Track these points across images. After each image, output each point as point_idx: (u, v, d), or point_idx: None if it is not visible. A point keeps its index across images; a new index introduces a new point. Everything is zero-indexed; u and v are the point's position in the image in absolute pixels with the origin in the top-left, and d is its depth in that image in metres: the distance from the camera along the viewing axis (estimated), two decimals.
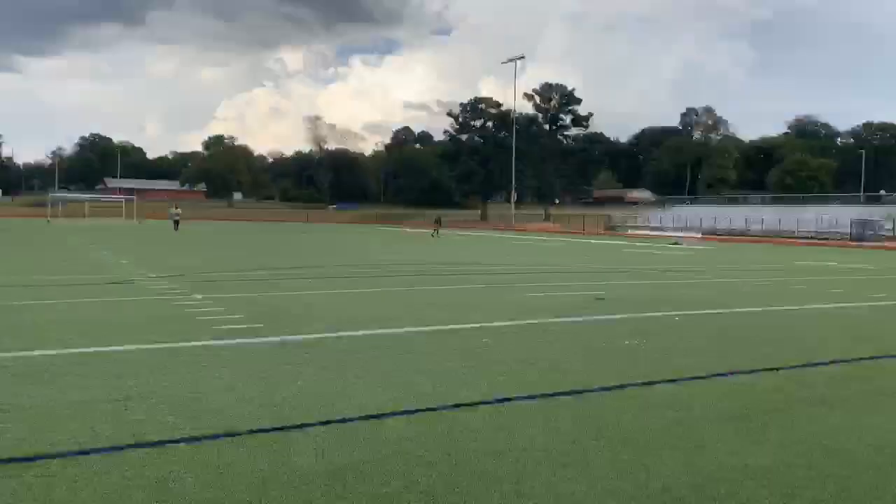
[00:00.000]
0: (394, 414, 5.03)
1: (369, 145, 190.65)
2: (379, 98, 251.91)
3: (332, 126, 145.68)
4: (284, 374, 6.15)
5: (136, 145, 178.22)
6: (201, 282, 14.13)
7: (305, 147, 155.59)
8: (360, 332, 8.35)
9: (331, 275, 16.58)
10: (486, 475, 3.92)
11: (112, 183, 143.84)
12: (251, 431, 4.59)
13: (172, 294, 11.82)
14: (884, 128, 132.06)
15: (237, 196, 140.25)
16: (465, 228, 74.82)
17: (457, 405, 5.28)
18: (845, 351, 7.84)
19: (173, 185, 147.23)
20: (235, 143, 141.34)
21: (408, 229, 63.87)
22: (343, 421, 4.85)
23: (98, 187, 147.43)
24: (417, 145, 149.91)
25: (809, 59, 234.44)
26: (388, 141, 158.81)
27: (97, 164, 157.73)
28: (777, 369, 6.81)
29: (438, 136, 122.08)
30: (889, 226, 51.29)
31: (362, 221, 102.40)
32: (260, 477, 3.83)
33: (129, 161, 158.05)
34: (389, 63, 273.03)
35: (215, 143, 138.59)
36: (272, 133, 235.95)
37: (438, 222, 50.93)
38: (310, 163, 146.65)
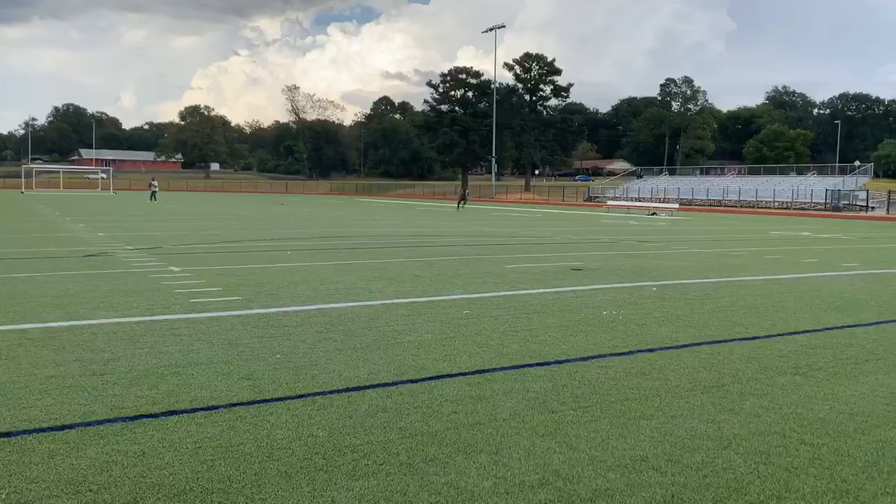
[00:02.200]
0: (373, 386, 5.04)
1: (348, 115, 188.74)
2: (357, 67, 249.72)
3: (311, 96, 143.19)
4: (263, 347, 6.13)
5: (111, 115, 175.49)
6: (178, 254, 14.00)
7: (283, 117, 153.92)
8: (341, 305, 8.34)
9: (311, 247, 16.50)
10: (465, 446, 3.94)
11: (87, 154, 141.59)
12: (230, 405, 4.58)
13: (149, 267, 11.70)
14: (858, 98, 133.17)
15: (214, 167, 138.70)
16: (445, 200, 74.68)
17: (437, 377, 5.30)
18: (818, 320, 7.96)
19: (149, 156, 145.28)
20: (212, 114, 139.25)
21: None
22: (322, 393, 4.86)
23: (73, 158, 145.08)
24: (397, 115, 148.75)
25: (787, 30, 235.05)
26: (367, 111, 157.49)
27: (71, 134, 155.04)
28: (752, 339, 6.91)
29: (418, 106, 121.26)
30: (863, 196, 51.94)
31: (342, 193, 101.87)
32: (239, 451, 3.82)
33: (105, 132, 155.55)
34: (367, 32, 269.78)
35: (191, 113, 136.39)
36: (249, 103, 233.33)
37: (464, 195, 45.06)
38: (288, 133, 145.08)
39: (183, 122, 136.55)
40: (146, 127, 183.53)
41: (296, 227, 24.58)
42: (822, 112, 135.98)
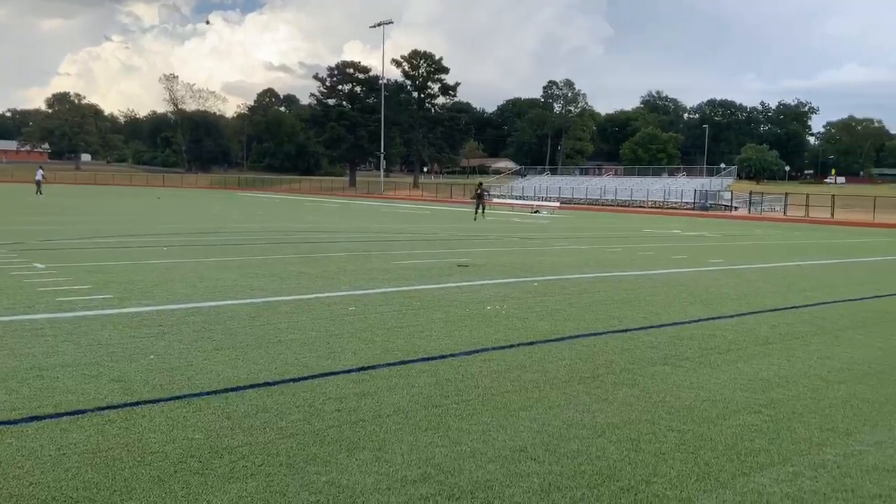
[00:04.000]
0: (254, 386, 4.91)
1: (230, 107, 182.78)
2: (240, 58, 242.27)
3: (190, 86, 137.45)
4: (135, 348, 5.84)
5: None
6: (44, 250, 13.10)
7: (161, 107, 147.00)
8: (220, 303, 8.07)
9: (189, 243, 15.87)
10: (347, 443, 3.91)
11: None
12: (98, 409, 4.34)
13: (11, 263, 10.89)
14: (724, 105, 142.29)
15: (85, 158, 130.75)
16: (332, 196, 73.84)
17: (320, 375, 5.23)
18: (685, 313, 8.44)
19: (11, 145, 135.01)
20: (83, 102, 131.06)
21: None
22: (199, 395, 4.68)
23: None
24: (283, 108, 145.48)
25: (661, 37, 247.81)
26: (250, 103, 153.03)
27: None
28: (625, 331, 7.24)
29: (304, 100, 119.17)
30: (727, 196, 55.57)
31: (223, 187, 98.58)
32: (108, 456, 3.63)
33: None
34: (251, 22, 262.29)
35: (60, 100, 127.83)
36: (124, 91, 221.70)
37: (481, 196, 31.45)
38: (166, 124, 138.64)
39: (50, 110, 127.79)
40: (7, 114, 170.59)
41: (173, 221, 23.58)
42: (691, 117, 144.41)
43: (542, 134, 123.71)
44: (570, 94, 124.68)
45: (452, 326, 7.14)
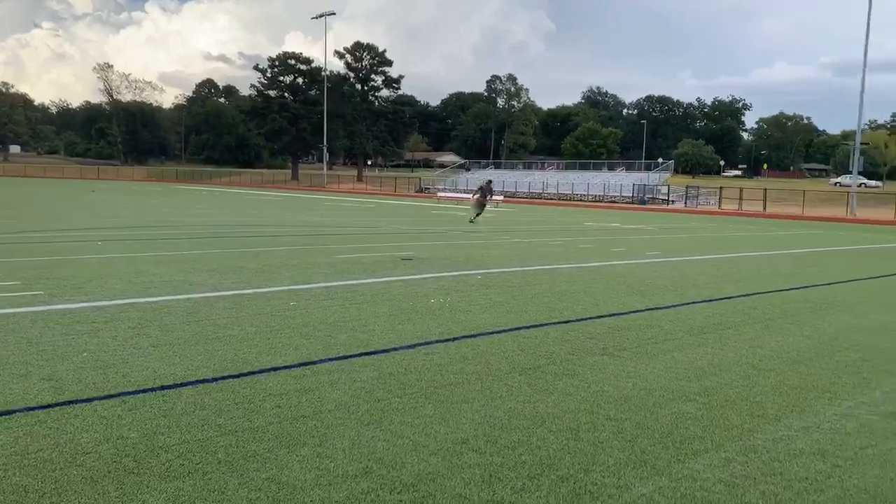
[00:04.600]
0: (192, 383, 4.81)
1: (168, 98, 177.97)
2: (177, 48, 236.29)
3: (126, 75, 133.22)
4: (68, 346, 5.65)
5: None
6: None
7: (95, 97, 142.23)
8: (157, 299, 7.88)
9: (125, 237, 15.43)
10: (288, 439, 3.87)
11: None
12: (28, 409, 4.19)
13: None
14: (661, 101, 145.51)
15: (14, 149, 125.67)
16: (274, 189, 72.85)
17: (260, 371, 5.16)
18: (624, 304, 8.62)
19: None
20: (11, 91, 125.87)
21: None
22: (135, 393, 4.56)
23: None
24: (222, 99, 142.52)
25: (600, 33, 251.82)
26: (189, 93, 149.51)
27: None
28: (566, 322, 7.35)
29: (245, 91, 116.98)
30: (665, 190, 56.91)
31: (161, 180, 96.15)
32: (37, 458, 3.51)
33: None
34: (189, 11, 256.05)
35: None
36: (55, 81, 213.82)
37: (484, 194, 25.44)
38: (100, 115, 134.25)
39: None
40: None
41: (108, 215, 22.90)
42: (630, 112, 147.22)
43: (486, 128, 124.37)
44: (512, 89, 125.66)
45: (396, 320, 7.13)
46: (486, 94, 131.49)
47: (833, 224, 35.45)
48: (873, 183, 76.33)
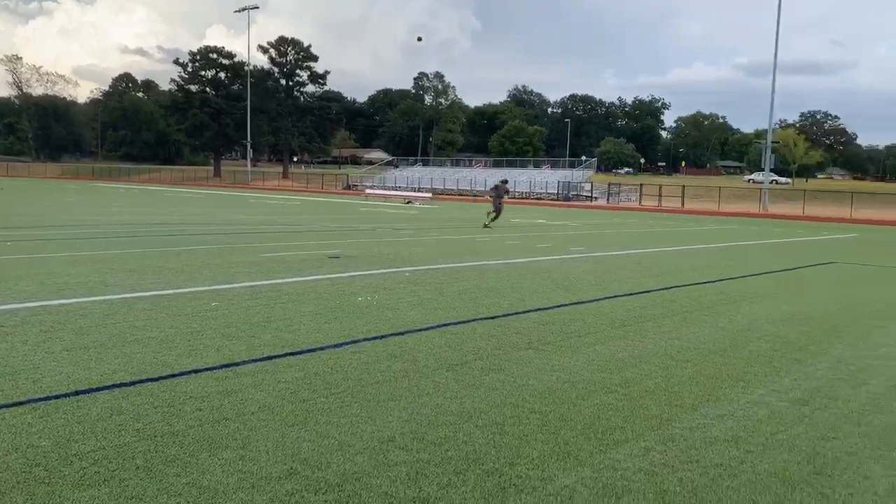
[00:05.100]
0: (108, 387, 4.64)
1: (83, 92, 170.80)
2: (92, 40, 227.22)
3: (37, 68, 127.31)
4: None
5: None
6: None
7: (3, 91, 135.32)
8: (71, 300, 7.56)
9: (37, 237, 14.74)
10: (209, 442, 3.78)
11: None
12: None
13: None
14: (585, 100, 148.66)
15: None
16: (196, 186, 71.00)
17: (180, 373, 5.02)
18: (549, 299, 8.77)
19: None
20: None
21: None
22: (46, 399, 4.37)
23: None
24: (140, 94, 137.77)
25: (526, 33, 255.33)
26: (105, 88, 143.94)
27: None
28: (493, 318, 7.43)
29: (164, 85, 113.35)
30: (588, 187, 58.20)
31: (76, 177, 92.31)
32: None
33: None
34: (104, 1, 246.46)
35: None
36: None
37: (501, 194, 23.19)
38: (9, 109, 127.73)
39: None
40: None
41: (19, 214, 21.83)
42: (555, 111, 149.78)
43: (414, 125, 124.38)
44: (440, 87, 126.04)
45: (322, 319, 7.05)
46: (413, 91, 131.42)
47: (747, 219, 36.98)
48: (783, 180, 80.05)
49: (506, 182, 24.81)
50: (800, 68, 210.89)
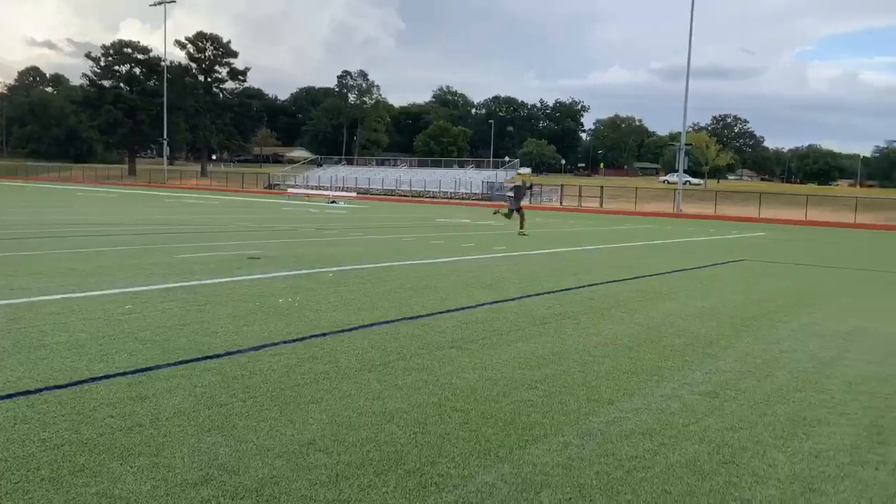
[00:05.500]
0: (11, 396, 4.41)
1: None
2: None
3: None
4: None
5: None
6: None
7: None
8: None
9: None
10: (121, 450, 3.65)
11: None
12: None
13: None
14: (508, 102, 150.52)
15: None
16: (109, 185, 68.39)
17: (91, 379, 4.82)
18: (472, 298, 8.85)
19: None
20: None
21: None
22: None
23: None
24: (49, 89, 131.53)
25: (450, 33, 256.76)
26: (11, 81, 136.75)
27: None
28: (417, 317, 7.44)
29: (75, 80, 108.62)
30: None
31: None
32: None
33: None
34: None
35: None
36: None
37: (520, 195, 20.93)
38: None
39: None
40: None
41: None
42: (479, 112, 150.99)
43: (338, 124, 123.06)
44: (364, 85, 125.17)
45: (241, 321, 6.90)
46: (337, 89, 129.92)
47: (662, 219, 38.25)
48: (696, 181, 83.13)
49: (526, 183, 22.71)
50: (712, 74, 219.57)
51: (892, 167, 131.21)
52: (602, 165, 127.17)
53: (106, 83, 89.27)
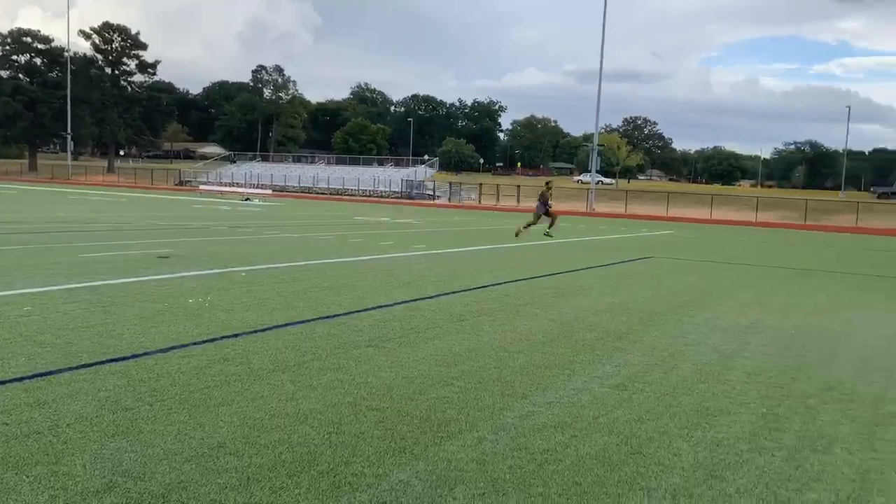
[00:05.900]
0: None
1: None
2: None
3: None
4: None
5: None
6: None
7: None
8: None
9: None
10: (17, 459, 3.46)
11: None
12: None
13: None
14: (427, 100, 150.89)
15: None
16: (8, 181, 64.80)
17: None
18: (390, 296, 8.83)
19: None
20: None
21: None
22: None
23: None
24: None
25: (368, 30, 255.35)
26: None
27: None
28: (333, 317, 7.36)
29: None
30: (431, 186, 59.16)
31: None
32: None
33: None
34: None
35: None
36: None
37: (547, 200, 19.69)
38: None
39: None
40: None
41: None
42: (398, 110, 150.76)
43: (253, 119, 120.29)
44: (280, 81, 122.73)
45: (149, 323, 6.67)
46: (251, 84, 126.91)
47: (576, 217, 39.15)
48: (608, 181, 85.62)
49: (548, 185, 20.53)
50: (623, 77, 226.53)
51: (789, 168, 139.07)
52: (519, 165, 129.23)
53: (3, 73, 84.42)
